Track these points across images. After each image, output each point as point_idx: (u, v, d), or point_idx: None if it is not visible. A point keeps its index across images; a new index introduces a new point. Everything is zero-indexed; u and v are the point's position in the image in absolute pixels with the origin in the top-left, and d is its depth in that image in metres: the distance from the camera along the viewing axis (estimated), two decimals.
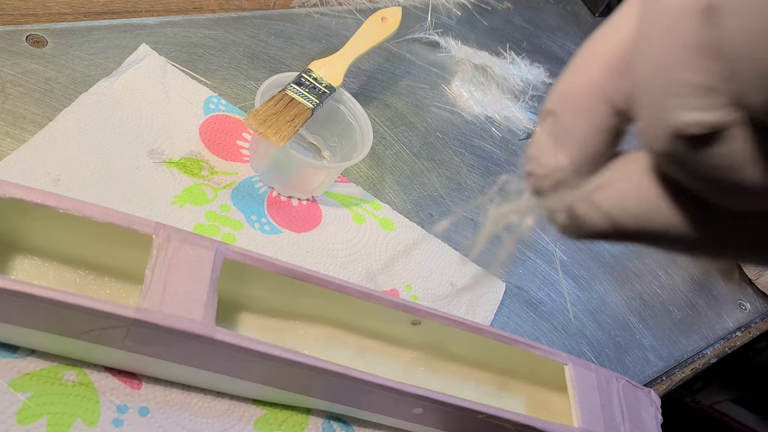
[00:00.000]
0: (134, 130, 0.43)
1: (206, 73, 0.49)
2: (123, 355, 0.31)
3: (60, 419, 0.31)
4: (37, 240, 0.33)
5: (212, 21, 0.54)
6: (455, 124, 0.61)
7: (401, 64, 0.62)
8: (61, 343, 0.31)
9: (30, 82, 0.42)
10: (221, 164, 0.45)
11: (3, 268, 0.33)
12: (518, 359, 0.41)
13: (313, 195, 0.47)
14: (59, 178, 0.38)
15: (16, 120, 0.40)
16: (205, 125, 0.46)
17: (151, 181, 0.41)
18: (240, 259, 0.33)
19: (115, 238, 0.32)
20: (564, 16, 0.86)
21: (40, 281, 0.33)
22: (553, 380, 0.41)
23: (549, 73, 0.74)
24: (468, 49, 0.68)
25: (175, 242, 0.31)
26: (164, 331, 0.29)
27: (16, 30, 0.44)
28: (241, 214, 0.43)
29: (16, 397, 0.30)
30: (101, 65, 0.45)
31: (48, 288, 0.27)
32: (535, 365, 0.41)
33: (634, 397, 0.40)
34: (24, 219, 0.32)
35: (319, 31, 0.59)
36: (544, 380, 0.42)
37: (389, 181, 0.52)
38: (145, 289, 0.29)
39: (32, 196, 0.30)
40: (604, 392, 0.39)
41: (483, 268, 0.50)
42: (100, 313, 0.28)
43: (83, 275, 0.34)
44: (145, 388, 0.33)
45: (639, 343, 0.54)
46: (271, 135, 0.41)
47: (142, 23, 0.50)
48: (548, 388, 0.42)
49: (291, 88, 0.44)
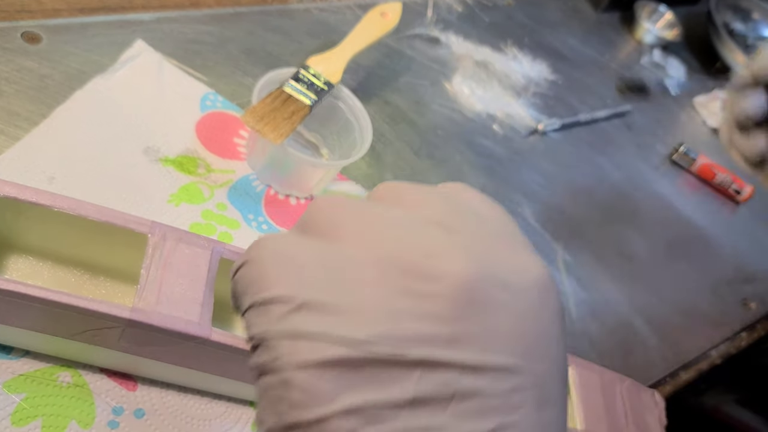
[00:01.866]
0: (130, 128, 0.42)
1: (203, 70, 0.49)
2: (118, 356, 0.31)
3: (55, 421, 0.30)
4: (31, 239, 0.33)
5: (209, 17, 0.53)
6: (456, 121, 0.60)
7: (401, 61, 0.62)
8: (55, 343, 0.30)
9: (25, 79, 0.41)
10: (218, 162, 0.44)
11: None
12: None
13: (311, 193, 0.46)
14: (54, 176, 0.38)
15: (11, 117, 0.39)
16: (202, 122, 0.45)
17: (147, 179, 0.41)
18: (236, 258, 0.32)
19: (111, 237, 0.32)
20: (566, 12, 0.85)
21: (35, 281, 0.33)
22: None
23: (551, 69, 0.73)
24: (469, 45, 0.68)
25: (171, 241, 0.31)
26: (160, 332, 0.29)
27: (11, 26, 0.43)
28: (238, 212, 0.42)
29: (10, 398, 0.30)
30: (96, 62, 0.45)
31: (42, 288, 0.27)
32: None
33: (637, 398, 0.40)
34: (18, 218, 0.32)
35: (317, 26, 0.59)
36: None
37: (389, 179, 0.51)
38: (140, 289, 0.29)
39: (26, 194, 0.29)
40: (608, 394, 0.38)
41: None
42: (94, 314, 0.28)
43: (78, 275, 0.34)
44: (141, 389, 0.33)
45: (643, 343, 0.54)
46: (268, 132, 0.40)
47: (138, 19, 0.49)
48: None
49: (289, 84, 0.43)
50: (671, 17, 0.91)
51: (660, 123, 0.79)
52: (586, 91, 0.75)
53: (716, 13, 0.90)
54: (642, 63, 0.86)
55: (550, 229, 0.56)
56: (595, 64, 0.80)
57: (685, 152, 0.74)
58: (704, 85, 0.90)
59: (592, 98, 0.75)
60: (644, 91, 0.81)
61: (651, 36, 0.88)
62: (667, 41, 0.89)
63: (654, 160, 0.73)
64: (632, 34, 0.89)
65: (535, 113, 0.66)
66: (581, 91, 0.75)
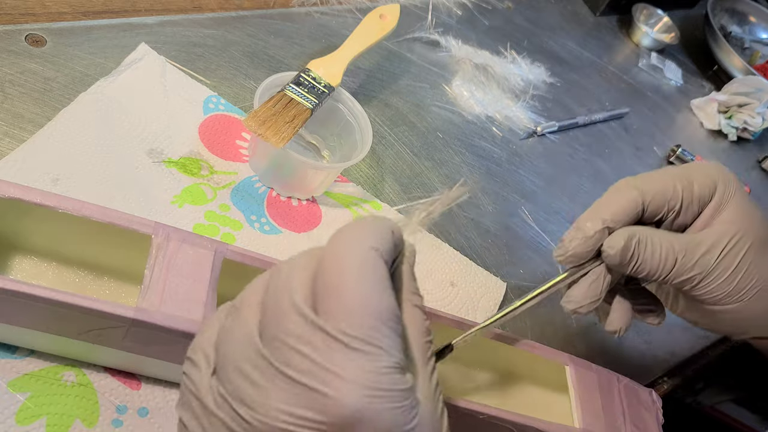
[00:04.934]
0: (133, 130, 0.43)
1: (206, 73, 0.49)
2: (122, 355, 0.31)
3: (59, 420, 0.30)
4: (36, 240, 0.33)
5: (212, 20, 0.54)
6: (456, 123, 0.61)
7: (401, 63, 0.62)
8: (60, 343, 0.31)
9: (29, 82, 0.42)
10: (221, 164, 0.45)
11: (2, 267, 0.33)
12: (519, 360, 0.41)
13: (312, 195, 0.46)
14: (58, 178, 0.38)
15: (15, 119, 0.40)
16: (205, 125, 0.46)
17: (151, 181, 0.41)
18: (240, 259, 0.33)
19: (115, 238, 0.32)
20: (564, 16, 0.86)
21: (40, 281, 0.33)
22: (554, 381, 0.41)
23: (550, 72, 0.74)
24: (468, 48, 0.68)
25: (175, 242, 0.31)
26: (163, 332, 0.29)
27: (15, 29, 0.44)
28: (240, 213, 0.43)
29: (15, 397, 0.30)
30: (100, 65, 0.45)
31: (47, 288, 0.27)
32: (536, 366, 0.41)
33: (635, 397, 0.40)
34: (24, 219, 0.32)
35: (318, 30, 0.59)
36: (545, 381, 0.42)
37: (389, 180, 0.52)
38: (144, 289, 0.29)
39: (32, 195, 0.30)
40: (605, 393, 0.39)
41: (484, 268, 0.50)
42: (99, 314, 0.28)
43: (83, 275, 0.34)
44: (145, 388, 0.33)
45: (640, 342, 0.54)
46: (270, 136, 0.41)
47: (142, 22, 0.49)
48: (549, 389, 0.42)
49: (290, 88, 0.44)
50: (668, 21, 0.91)
51: (657, 125, 0.80)
52: (584, 93, 0.76)
53: (713, 16, 0.90)
54: (640, 66, 0.87)
55: (549, 231, 0.57)
56: (593, 67, 0.81)
57: (682, 154, 0.74)
58: (701, 87, 0.91)
59: (590, 101, 0.75)
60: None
61: (648, 39, 0.89)
62: (665, 44, 0.90)
63: (651, 162, 0.73)
64: (630, 37, 0.90)
65: (533, 116, 0.67)
66: (579, 93, 0.75)
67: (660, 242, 0.36)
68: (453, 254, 0.49)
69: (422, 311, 0.26)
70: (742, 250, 0.37)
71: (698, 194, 0.37)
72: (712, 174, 0.38)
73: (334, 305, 0.21)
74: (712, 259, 0.36)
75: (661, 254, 0.36)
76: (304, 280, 0.22)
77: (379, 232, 0.23)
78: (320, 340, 0.21)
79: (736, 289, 0.37)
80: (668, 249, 0.36)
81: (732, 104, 0.84)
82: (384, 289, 0.22)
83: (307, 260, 0.23)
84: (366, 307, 0.21)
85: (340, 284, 0.21)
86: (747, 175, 0.82)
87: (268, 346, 0.21)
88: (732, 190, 0.38)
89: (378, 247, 0.23)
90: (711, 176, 0.38)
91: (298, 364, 0.21)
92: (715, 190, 0.38)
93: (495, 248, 0.52)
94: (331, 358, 0.21)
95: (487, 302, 0.48)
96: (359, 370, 0.21)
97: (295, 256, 0.24)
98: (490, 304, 0.48)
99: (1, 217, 0.32)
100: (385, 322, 0.22)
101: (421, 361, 0.24)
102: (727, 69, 0.90)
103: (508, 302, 0.49)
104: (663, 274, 0.36)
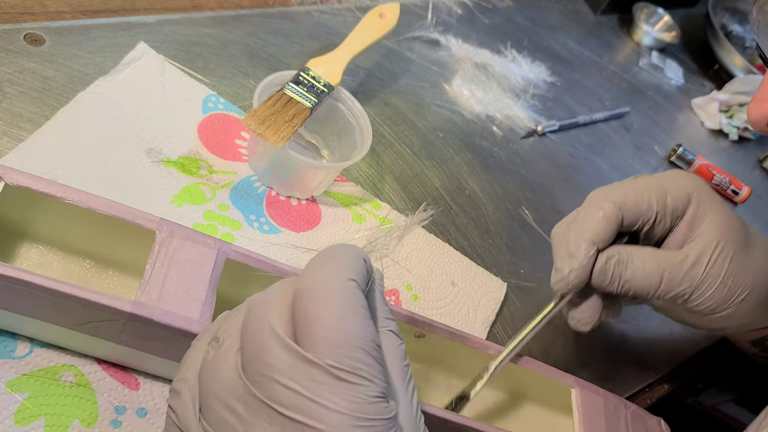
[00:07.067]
0: (132, 129, 0.43)
1: (205, 72, 0.49)
2: (120, 349, 0.31)
3: (58, 420, 0.30)
4: (43, 229, 0.33)
5: (211, 19, 0.53)
6: (456, 122, 0.60)
7: (401, 62, 0.62)
8: (59, 333, 0.31)
9: (28, 81, 0.41)
10: (220, 163, 0.44)
11: (10, 255, 0.33)
12: (524, 378, 0.40)
13: (312, 194, 0.46)
14: (57, 177, 0.38)
15: (14, 119, 0.39)
16: (204, 124, 0.46)
17: (149, 181, 0.41)
18: (242, 260, 0.32)
19: (120, 232, 0.32)
20: (565, 15, 0.85)
21: (45, 270, 0.33)
22: (559, 402, 0.40)
23: (550, 71, 0.73)
24: (469, 47, 0.68)
25: (178, 239, 0.31)
26: (160, 328, 0.29)
27: (14, 28, 0.44)
28: (239, 213, 0.43)
29: (13, 397, 0.30)
30: (99, 64, 0.45)
31: (46, 277, 0.27)
32: (542, 385, 0.40)
33: (642, 425, 0.39)
34: (32, 208, 0.32)
35: (318, 29, 0.59)
36: (550, 401, 0.41)
37: (389, 180, 0.52)
38: (143, 284, 0.29)
39: (39, 185, 0.30)
40: (611, 419, 0.38)
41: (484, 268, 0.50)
42: (96, 305, 0.28)
43: (87, 266, 0.34)
44: (143, 388, 0.33)
45: (641, 342, 0.54)
46: (270, 135, 0.40)
47: (141, 21, 0.49)
48: (554, 410, 0.41)
49: (289, 87, 0.44)
50: (669, 20, 0.91)
51: (658, 124, 0.79)
52: (585, 92, 0.76)
53: (714, 15, 0.90)
54: (640, 65, 0.87)
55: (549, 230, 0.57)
56: (594, 66, 0.81)
57: (683, 153, 0.74)
58: (702, 86, 0.91)
59: (590, 100, 0.75)
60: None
61: (649, 38, 0.89)
62: (666, 43, 0.90)
63: (652, 162, 0.73)
64: (631, 36, 0.90)
65: (534, 115, 0.67)
66: (580, 92, 0.75)
67: (643, 260, 0.36)
68: (453, 254, 0.49)
69: (397, 335, 0.26)
70: (728, 258, 0.37)
71: (672, 207, 0.38)
72: (686, 186, 0.38)
73: (317, 338, 0.21)
74: (701, 271, 0.37)
75: (644, 272, 0.36)
76: (283, 313, 0.23)
77: (353, 263, 0.24)
78: (306, 373, 0.21)
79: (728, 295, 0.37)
80: (653, 266, 0.36)
81: (733, 103, 0.84)
82: (364, 318, 0.23)
83: (282, 294, 0.23)
84: (351, 339, 0.22)
85: (323, 317, 0.22)
86: (748, 175, 0.81)
87: (252, 381, 0.22)
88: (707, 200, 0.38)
89: (355, 278, 0.23)
90: (685, 188, 0.38)
91: (285, 399, 0.21)
92: (689, 203, 0.38)
93: (495, 248, 0.52)
94: (319, 391, 0.21)
95: (488, 302, 0.48)
96: (347, 401, 0.21)
97: (270, 289, 0.24)
98: (490, 304, 0.48)
99: (10, 205, 0.32)
100: (368, 352, 0.22)
101: (400, 387, 0.24)
102: (728, 68, 0.90)
103: (508, 302, 0.49)
104: (651, 291, 0.37)
